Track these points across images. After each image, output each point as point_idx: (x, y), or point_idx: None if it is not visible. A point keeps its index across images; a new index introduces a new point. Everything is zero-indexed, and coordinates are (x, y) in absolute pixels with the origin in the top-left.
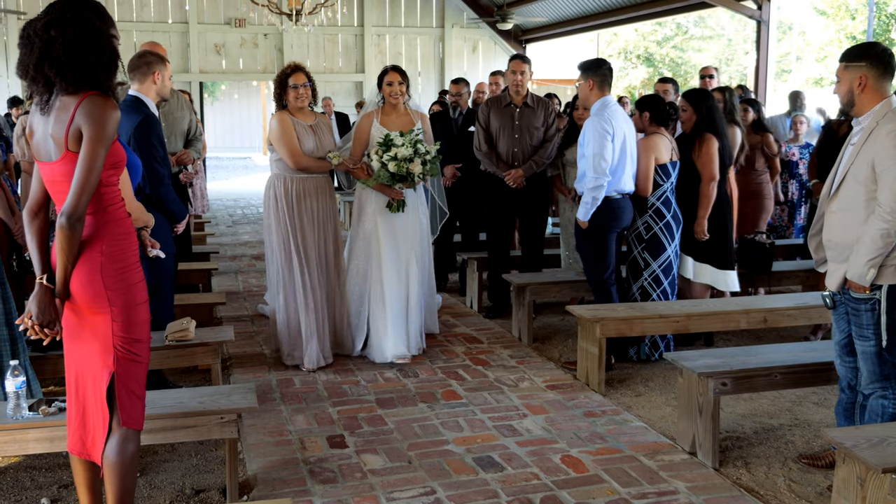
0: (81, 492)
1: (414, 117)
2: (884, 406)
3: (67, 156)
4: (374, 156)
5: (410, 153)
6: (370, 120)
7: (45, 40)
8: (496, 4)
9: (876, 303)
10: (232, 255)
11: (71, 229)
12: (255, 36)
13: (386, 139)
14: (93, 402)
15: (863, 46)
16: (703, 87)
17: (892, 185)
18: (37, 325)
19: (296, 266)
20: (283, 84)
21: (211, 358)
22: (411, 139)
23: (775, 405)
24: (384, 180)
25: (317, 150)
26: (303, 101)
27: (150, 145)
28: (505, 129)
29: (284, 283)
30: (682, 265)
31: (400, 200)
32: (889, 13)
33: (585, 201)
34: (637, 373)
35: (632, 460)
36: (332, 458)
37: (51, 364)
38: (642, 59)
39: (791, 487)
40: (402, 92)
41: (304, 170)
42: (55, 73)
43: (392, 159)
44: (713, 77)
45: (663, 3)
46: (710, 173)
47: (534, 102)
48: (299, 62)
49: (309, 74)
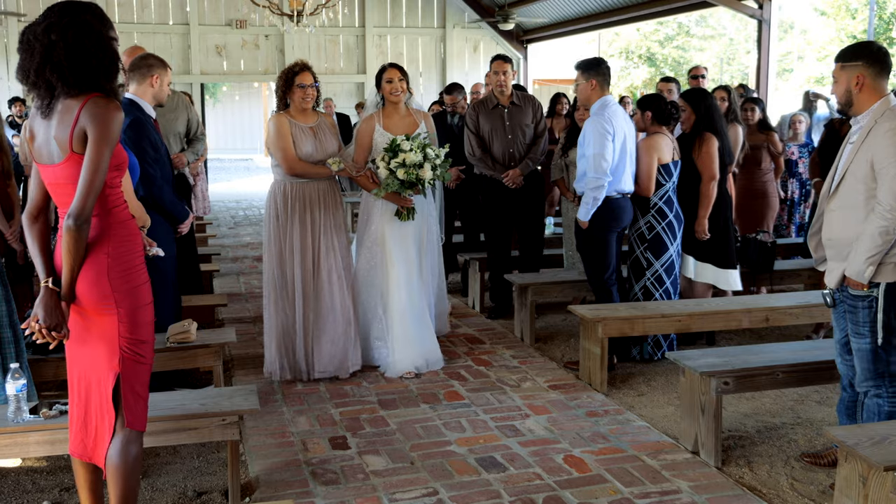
0: (83, 495)
1: (417, 117)
2: (879, 405)
3: (72, 157)
4: (381, 163)
5: (420, 159)
6: (372, 124)
7: (45, 45)
8: (497, 5)
9: (873, 300)
10: (234, 257)
11: (78, 231)
12: (257, 37)
13: (392, 145)
14: (97, 404)
15: (858, 46)
16: (693, 86)
17: (891, 183)
18: (44, 329)
19: (289, 279)
20: (289, 83)
21: (213, 360)
22: (419, 143)
23: (777, 404)
24: (393, 188)
25: (316, 153)
26: (308, 102)
27: (140, 148)
28: (497, 130)
29: (275, 297)
30: (684, 265)
31: (410, 208)
32: (890, 13)
33: (586, 201)
34: (639, 372)
35: (634, 460)
36: (334, 460)
37: (52, 367)
38: (644, 59)
39: (794, 486)
40: (402, 89)
41: (299, 175)
42: (57, 78)
43: (400, 166)
44: (703, 77)
45: (665, 3)
46: (711, 172)
47: (520, 101)
48: (306, 60)
49: (315, 74)
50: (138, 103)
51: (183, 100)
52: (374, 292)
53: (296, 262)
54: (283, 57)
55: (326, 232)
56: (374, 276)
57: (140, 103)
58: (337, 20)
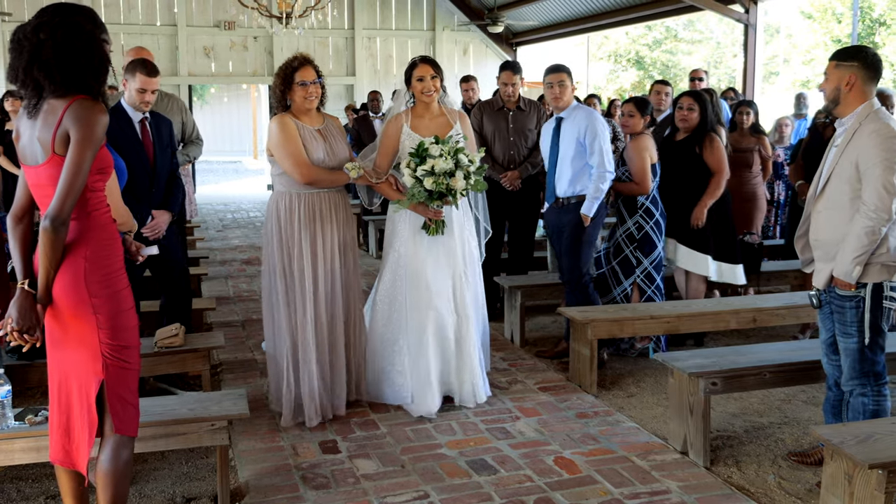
0: (67, 502)
1: (451, 118)
2: (864, 404)
3: (54, 159)
4: (406, 169)
5: (451, 166)
6: (399, 124)
7: (34, 43)
8: (487, 7)
9: (860, 300)
10: (222, 260)
11: (55, 233)
12: (245, 39)
13: (420, 149)
14: (78, 409)
15: (856, 48)
16: (692, 88)
17: (876, 184)
18: (16, 331)
19: (299, 305)
20: (288, 80)
21: (201, 364)
22: (451, 148)
23: (765, 404)
24: (420, 198)
25: (328, 158)
26: (312, 102)
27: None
28: (500, 132)
29: (281, 324)
30: (685, 259)
31: (438, 221)
32: (873, 17)
33: (595, 196)
34: (629, 374)
35: (624, 461)
36: (324, 464)
37: (37, 372)
38: (632, 62)
39: (781, 485)
40: (435, 87)
41: (314, 184)
42: (44, 76)
43: (428, 174)
44: (703, 80)
45: (652, 7)
46: (725, 169)
47: (526, 105)
48: (307, 54)
49: (318, 69)
50: (120, 106)
51: (178, 103)
52: (396, 319)
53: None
54: (272, 59)
55: (339, 249)
56: (396, 299)
57: (122, 105)
58: (326, 22)
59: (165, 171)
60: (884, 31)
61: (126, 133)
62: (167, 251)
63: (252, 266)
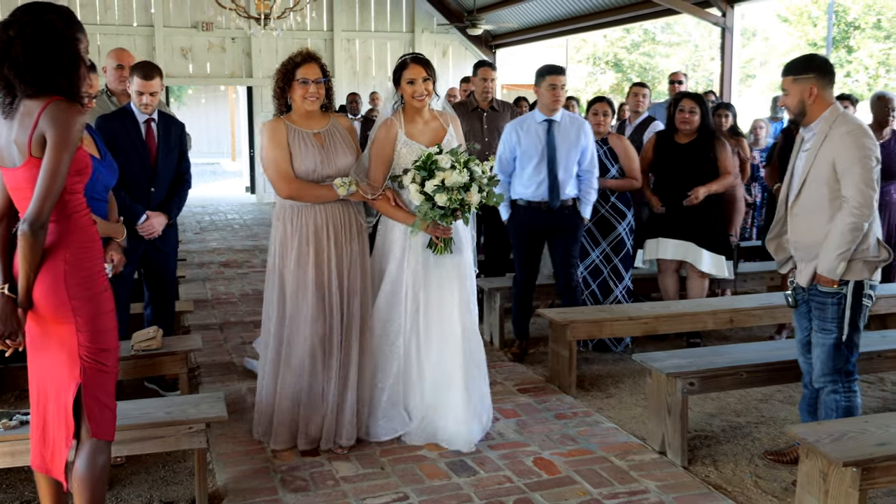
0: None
1: (443, 122)
2: (836, 401)
3: (31, 161)
4: (413, 185)
5: (466, 179)
6: (393, 131)
7: (3, 41)
8: (466, 10)
9: (842, 297)
10: (200, 263)
11: (33, 236)
12: (223, 40)
13: (428, 161)
14: (54, 414)
15: (806, 59)
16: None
17: (857, 182)
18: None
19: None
20: (289, 77)
21: (179, 367)
22: (462, 159)
23: (742, 403)
24: (432, 217)
25: (320, 168)
26: (311, 103)
27: None
28: (475, 133)
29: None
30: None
31: (447, 238)
32: (847, 21)
33: (592, 199)
34: (607, 374)
35: (603, 461)
36: (303, 467)
37: (10, 375)
38: (611, 65)
39: (758, 483)
40: (428, 91)
41: (296, 199)
42: (14, 75)
43: (440, 189)
44: (682, 83)
45: (630, 10)
46: (735, 170)
47: (499, 106)
48: (313, 50)
49: (325, 67)
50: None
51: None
52: (396, 346)
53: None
54: (250, 60)
55: (347, 267)
56: (393, 325)
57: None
58: (305, 24)
59: (169, 173)
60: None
61: (129, 133)
62: (163, 255)
63: (230, 269)
